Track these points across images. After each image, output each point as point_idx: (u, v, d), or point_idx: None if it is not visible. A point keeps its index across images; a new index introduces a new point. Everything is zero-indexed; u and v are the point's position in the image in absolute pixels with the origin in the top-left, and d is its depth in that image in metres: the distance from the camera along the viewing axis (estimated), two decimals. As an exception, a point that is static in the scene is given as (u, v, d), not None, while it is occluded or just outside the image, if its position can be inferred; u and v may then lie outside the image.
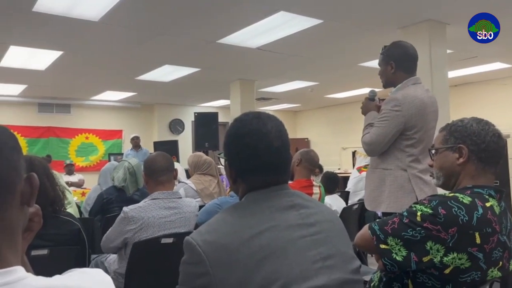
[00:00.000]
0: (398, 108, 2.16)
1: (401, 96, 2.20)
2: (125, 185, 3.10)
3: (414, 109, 2.17)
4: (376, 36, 4.77)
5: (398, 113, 2.16)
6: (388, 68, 2.30)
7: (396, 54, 2.29)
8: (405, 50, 2.31)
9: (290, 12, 3.94)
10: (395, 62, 2.27)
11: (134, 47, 5.06)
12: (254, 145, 1.00)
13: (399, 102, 2.18)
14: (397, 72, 2.27)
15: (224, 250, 0.89)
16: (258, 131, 1.01)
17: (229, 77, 7.05)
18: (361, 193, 4.65)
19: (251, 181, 1.03)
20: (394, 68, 2.27)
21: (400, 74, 2.27)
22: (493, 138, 1.28)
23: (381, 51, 2.38)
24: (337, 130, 10.60)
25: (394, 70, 2.28)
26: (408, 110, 2.16)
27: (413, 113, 2.17)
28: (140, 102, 9.50)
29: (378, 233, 1.22)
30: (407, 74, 2.27)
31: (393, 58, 2.28)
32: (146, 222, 2.08)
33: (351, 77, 7.23)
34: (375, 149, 2.27)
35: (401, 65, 2.27)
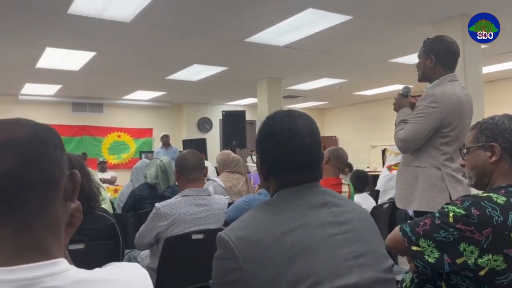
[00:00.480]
0: (435, 105, 2.12)
1: (439, 93, 2.16)
2: (157, 182, 3.18)
3: (451, 106, 2.13)
4: (407, 32, 4.67)
5: (435, 109, 2.12)
6: (427, 62, 2.25)
7: (438, 48, 2.24)
8: (448, 46, 2.25)
9: (319, 9, 3.91)
10: (435, 56, 2.22)
11: (164, 47, 5.16)
12: (286, 143, 1.01)
13: (437, 98, 2.14)
14: (436, 67, 2.23)
15: (256, 246, 0.90)
16: (290, 129, 1.02)
17: (256, 76, 7.07)
18: (391, 192, 4.56)
19: (283, 178, 1.03)
20: (434, 62, 2.22)
21: (438, 69, 2.23)
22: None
23: (423, 43, 2.33)
24: (366, 128, 10.44)
25: (433, 64, 2.23)
26: (445, 107, 2.12)
27: (450, 110, 2.12)
28: (170, 101, 9.68)
29: (410, 234, 1.20)
30: (445, 70, 2.23)
31: (434, 52, 2.23)
32: (177, 218, 2.12)
33: (381, 74, 7.11)
34: (410, 146, 2.22)
35: (441, 60, 2.22)
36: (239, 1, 3.71)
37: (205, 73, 6.65)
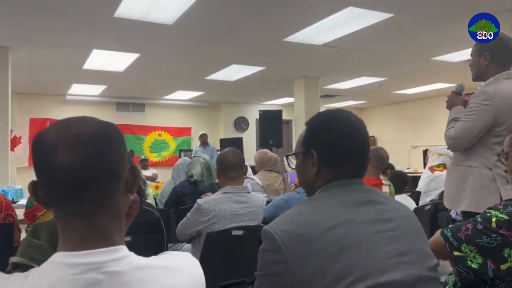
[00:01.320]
0: (488, 102, 2.05)
1: (492, 90, 2.08)
2: (203, 179, 3.28)
3: (505, 104, 2.04)
4: (450, 29, 4.52)
5: (487, 107, 2.05)
6: (481, 60, 2.18)
7: (492, 45, 2.16)
8: (503, 42, 2.17)
9: (359, 7, 3.86)
10: (489, 54, 2.15)
11: (203, 48, 5.27)
12: (344, 132, 1.05)
13: (490, 96, 2.06)
14: (491, 65, 2.15)
15: (300, 240, 0.92)
16: (347, 120, 1.07)
17: (293, 75, 7.07)
18: (433, 194, 4.44)
19: (338, 169, 1.05)
20: (488, 60, 2.15)
21: (493, 67, 2.15)
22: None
23: (475, 42, 2.26)
24: (406, 127, 10.17)
25: (488, 62, 2.15)
26: (499, 105, 2.04)
27: (504, 109, 2.04)
28: (208, 100, 9.86)
29: (451, 240, 1.19)
30: (500, 68, 2.14)
31: (488, 49, 2.16)
32: (218, 214, 2.18)
33: (422, 72, 6.91)
34: (460, 145, 2.16)
35: (495, 57, 2.14)
36: (278, 1, 3.73)
37: (243, 73, 6.73)
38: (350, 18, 4.16)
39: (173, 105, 9.70)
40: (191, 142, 9.81)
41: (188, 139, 9.90)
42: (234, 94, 8.93)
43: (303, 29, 4.48)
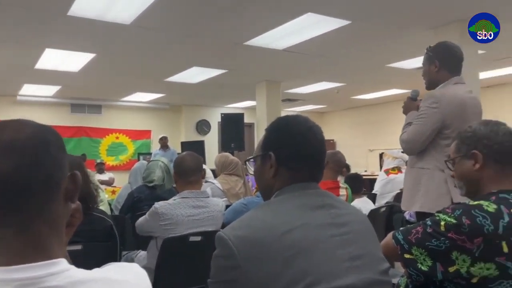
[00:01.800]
0: (435, 105, 2.13)
1: (439, 93, 2.18)
2: (163, 183, 3.20)
3: (452, 107, 2.13)
4: (406, 37, 4.70)
5: (435, 110, 2.12)
6: (432, 67, 2.27)
7: (441, 53, 2.27)
8: (450, 49, 2.28)
9: (318, 13, 3.93)
10: (439, 61, 2.24)
11: (163, 49, 5.17)
12: (304, 136, 1.06)
13: (437, 99, 2.14)
14: (441, 71, 2.24)
15: (255, 245, 0.91)
16: (305, 124, 1.08)
17: (255, 78, 7.10)
18: (389, 196, 4.58)
19: (296, 171, 1.05)
20: (438, 67, 2.24)
21: (444, 74, 2.24)
22: (504, 137, 1.24)
23: (426, 50, 2.35)
24: (364, 131, 10.47)
25: (438, 69, 2.25)
26: (445, 108, 2.12)
27: (450, 111, 2.12)
28: (168, 103, 9.69)
29: (402, 242, 1.21)
30: (451, 74, 2.24)
31: (438, 57, 2.25)
32: (175, 219, 2.13)
33: (379, 78, 7.14)
34: (413, 148, 2.23)
35: (445, 64, 2.23)
36: (239, 5, 3.73)
37: (204, 76, 6.67)
38: (310, 24, 4.23)
39: (131, 107, 9.46)
40: (150, 145, 9.60)
41: (148, 142, 9.68)
42: (195, 96, 8.83)
43: (263, 33, 4.51)
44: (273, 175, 1.07)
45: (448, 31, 4.26)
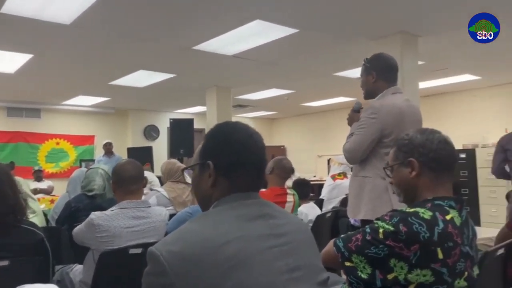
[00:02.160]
0: (374, 116, 2.21)
1: (378, 104, 2.26)
2: (104, 192, 3.04)
3: (390, 116, 2.21)
4: (350, 47, 4.85)
5: (374, 120, 2.21)
6: (369, 78, 2.37)
7: (377, 64, 2.37)
8: (386, 60, 2.38)
9: (266, 21, 3.95)
10: (376, 72, 2.34)
11: (107, 51, 4.97)
12: (243, 143, 1.03)
13: (376, 109, 2.23)
14: (378, 82, 2.34)
15: (189, 260, 0.86)
16: (245, 132, 1.05)
17: (205, 84, 7.02)
18: (335, 201, 4.68)
19: (235, 180, 1.01)
20: (375, 77, 2.34)
21: (381, 84, 2.34)
22: (439, 145, 1.28)
23: (363, 62, 2.44)
24: (313, 138, 10.70)
25: (375, 80, 2.34)
26: (384, 118, 2.20)
27: (389, 121, 2.20)
28: (114, 107, 9.33)
29: (343, 250, 1.22)
30: (387, 84, 2.33)
31: (374, 68, 2.35)
32: (113, 231, 2.02)
33: (326, 86, 7.32)
34: (354, 157, 2.31)
35: (381, 74, 2.33)
36: (186, 9, 3.66)
37: (152, 80, 6.49)
38: (259, 31, 4.24)
39: (74, 111, 8.99)
40: (94, 151, 9.17)
41: (91, 148, 9.24)
42: (143, 101, 8.57)
43: (212, 39, 4.46)
44: (211, 185, 1.02)
45: (390, 42, 4.44)
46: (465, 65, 5.97)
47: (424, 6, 3.68)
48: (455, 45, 4.88)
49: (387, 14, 3.90)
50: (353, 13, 3.85)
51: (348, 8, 3.70)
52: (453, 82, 6.93)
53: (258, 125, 11.72)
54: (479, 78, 6.71)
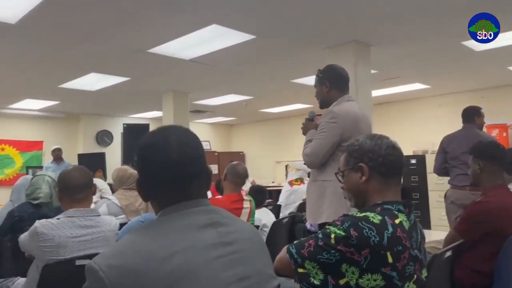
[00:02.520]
0: (334, 120, 2.32)
1: (337, 110, 2.37)
2: (51, 200, 2.88)
3: (349, 121, 2.34)
4: (306, 54, 4.93)
5: (334, 124, 2.31)
6: (323, 88, 2.50)
7: (330, 74, 2.51)
8: (338, 71, 2.53)
9: (223, 25, 3.93)
10: (329, 82, 2.48)
11: (56, 53, 4.73)
12: (152, 159, 0.97)
13: (336, 114, 2.34)
14: (332, 91, 2.47)
15: (130, 276, 0.81)
16: (157, 143, 0.98)
17: (161, 88, 6.87)
18: (293, 206, 4.72)
19: (158, 197, 0.98)
20: (329, 87, 2.47)
21: (334, 93, 2.47)
22: (387, 150, 1.31)
23: (316, 73, 2.57)
24: (271, 144, 10.78)
25: (329, 89, 2.48)
26: (343, 122, 2.32)
27: (348, 125, 2.33)
28: (64, 111, 8.91)
29: (296, 256, 1.21)
30: (340, 93, 2.47)
31: (328, 78, 2.49)
32: (57, 241, 1.90)
33: (284, 93, 7.40)
34: (315, 161, 2.37)
35: (334, 84, 2.48)
36: (138, 11, 3.56)
37: (105, 83, 6.26)
38: (216, 35, 4.21)
39: (20, 115, 8.48)
40: (42, 157, 8.70)
41: (39, 154, 8.76)
42: (96, 105, 8.26)
43: (168, 42, 4.37)
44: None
45: (344, 51, 4.56)
46: (415, 75, 6.25)
47: (376, 17, 3.81)
48: (406, 56, 5.10)
49: (341, 24, 4.00)
50: (308, 22, 3.91)
51: (304, 16, 3.76)
52: (404, 90, 7.23)
53: (217, 131, 11.65)
54: (429, 87, 7.05)
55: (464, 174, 3.55)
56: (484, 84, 6.93)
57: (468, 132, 3.79)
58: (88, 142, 9.29)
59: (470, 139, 3.61)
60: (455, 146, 3.75)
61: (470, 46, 4.70)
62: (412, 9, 3.63)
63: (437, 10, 3.63)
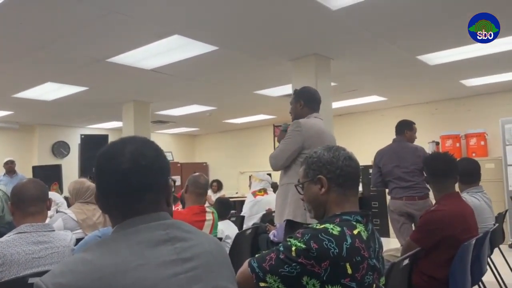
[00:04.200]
0: (298, 129, 2.62)
1: (303, 121, 2.70)
2: (3, 214, 2.73)
3: (312, 131, 2.64)
4: (269, 66, 4.99)
5: (298, 132, 2.62)
6: (297, 105, 2.84)
7: (306, 95, 2.86)
8: (313, 93, 2.88)
9: (186, 36, 3.91)
10: (303, 101, 2.83)
11: (10, 61, 4.52)
12: (104, 168, 0.94)
13: (300, 124, 2.65)
14: (304, 108, 2.81)
15: None
16: (111, 153, 0.95)
17: (121, 98, 6.72)
18: (256, 217, 4.71)
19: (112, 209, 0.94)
20: (303, 105, 2.82)
21: (306, 110, 2.81)
22: (344, 162, 1.34)
23: (294, 92, 2.93)
24: (235, 154, 10.76)
25: (302, 107, 2.81)
26: (307, 132, 2.62)
27: (311, 135, 2.62)
28: (18, 122, 8.51)
29: (257, 270, 1.20)
30: (310, 111, 2.82)
31: (303, 98, 2.84)
32: (9, 259, 1.79)
33: (247, 104, 7.43)
34: (278, 163, 2.68)
35: (308, 103, 2.83)
36: (99, 19, 3.47)
37: (62, 93, 6.04)
38: (178, 46, 4.18)
39: (-30, 125, 8.05)
40: (-7, 170, 8.24)
41: (-10, 167, 8.30)
42: (52, 115, 7.94)
43: (128, 51, 4.28)
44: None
45: (305, 63, 4.66)
46: (372, 87, 6.47)
47: (335, 31, 3.93)
48: (363, 69, 5.27)
49: (302, 37, 4.08)
50: (270, 34, 3.97)
51: (266, 29, 3.81)
52: (362, 102, 7.47)
53: (180, 142, 11.50)
54: (386, 99, 7.32)
55: (399, 188, 3.77)
56: (438, 96, 7.28)
57: (397, 145, 3.98)
58: (44, 154, 8.90)
59: (399, 153, 3.88)
60: (386, 161, 3.92)
61: (425, 60, 4.94)
62: (369, 24, 3.77)
63: (393, 25, 3.80)
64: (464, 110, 7.26)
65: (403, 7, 3.40)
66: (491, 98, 6.99)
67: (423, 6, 3.40)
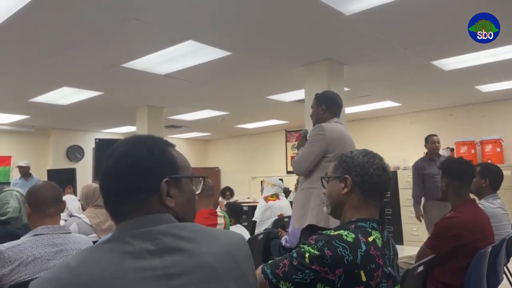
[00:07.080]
0: (322, 133, 2.61)
1: (325, 125, 2.68)
2: (20, 215, 2.76)
3: (335, 135, 2.64)
4: (282, 71, 4.99)
5: (321, 136, 2.61)
6: (319, 109, 2.82)
7: (327, 99, 2.84)
8: (334, 97, 2.87)
9: (199, 42, 3.94)
10: (325, 105, 2.81)
11: (27, 65, 4.61)
12: (101, 170, 0.91)
13: (323, 128, 2.63)
14: (326, 113, 2.80)
15: None
16: (106, 155, 0.91)
17: (135, 103, 6.79)
18: (268, 222, 4.70)
19: (110, 212, 0.90)
20: (324, 109, 2.80)
21: (327, 115, 2.80)
22: (376, 171, 1.33)
23: (315, 96, 2.92)
24: (246, 159, 10.77)
25: (324, 111, 2.80)
26: (330, 135, 2.61)
27: (334, 138, 2.61)
28: (34, 126, 8.67)
29: (271, 277, 1.19)
30: (331, 115, 2.81)
31: (325, 102, 2.82)
32: (26, 261, 1.82)
33: (259, 109, 7.44)
34: (302, 168, 2.64)
35: (330, 107, 2.81)
36: (115, 25, 3.52)
37: (77, 97, 6.13)
38: (192, 51, 4.21)
39: (-13, 129, 8.22)
40: (10, 173, 8.38)
41: (7, 169, 8.44)
42: (67, 119, 8.07)
43: (143, 57, 4.33)
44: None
45: (318, 68, 4.65)
46: (386, 93, 6.42)
47: (348, 36, 3.91)
48: (377, 74, 5.24)
49: (315, 42, 4.08)
50: (283, 40, 3.98)
51: (279, 34, 3.82)
52: (376, 108, 7.41)
53: (192, 146, 11.57)
54: (400, 105, 7.25)
55: None
56: (452, 102, 7.20)
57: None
58: (58, 158, 9.04)
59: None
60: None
61: (439, 66, 4.89)
62: (383, 29, 3.75)
63: (407, 30, 3.77)
64: (479, 116, 7.16)
65: (417, 12, 3.38)
66: (507, 104, 6.88)
67: (437, 11, 3.37)
